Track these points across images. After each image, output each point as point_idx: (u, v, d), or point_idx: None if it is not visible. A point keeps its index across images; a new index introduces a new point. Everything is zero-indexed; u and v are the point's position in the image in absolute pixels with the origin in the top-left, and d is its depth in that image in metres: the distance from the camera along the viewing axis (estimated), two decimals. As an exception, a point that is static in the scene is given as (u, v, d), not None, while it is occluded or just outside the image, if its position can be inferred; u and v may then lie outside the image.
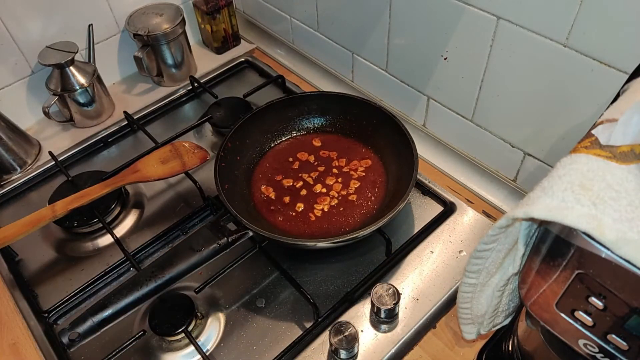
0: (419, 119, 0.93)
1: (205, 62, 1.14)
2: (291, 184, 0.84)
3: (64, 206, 0.77)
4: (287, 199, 0.82)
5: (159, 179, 0.83)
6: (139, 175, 0.83)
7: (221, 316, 0.73)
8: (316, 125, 0.93)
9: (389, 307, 0.66)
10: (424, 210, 0.83)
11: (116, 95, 1.07)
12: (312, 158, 0.88)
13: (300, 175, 0.86)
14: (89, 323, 0.62)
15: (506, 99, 0.74)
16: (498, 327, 0.58)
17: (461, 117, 0.83)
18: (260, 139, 0.90)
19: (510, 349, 0.62)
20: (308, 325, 0.70)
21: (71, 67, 0.94)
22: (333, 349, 0.64)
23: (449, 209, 0.82)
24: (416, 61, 0.84)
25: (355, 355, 0.66)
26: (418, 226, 0.80)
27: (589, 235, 0.34)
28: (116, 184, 0.81)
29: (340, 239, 0.71)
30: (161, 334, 0.67)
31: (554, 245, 0.39)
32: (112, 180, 0.82)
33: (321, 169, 0.86)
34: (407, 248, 0.77)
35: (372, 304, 0.67)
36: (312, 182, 0.84)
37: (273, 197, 0.83)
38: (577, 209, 0.35)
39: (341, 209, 0.80)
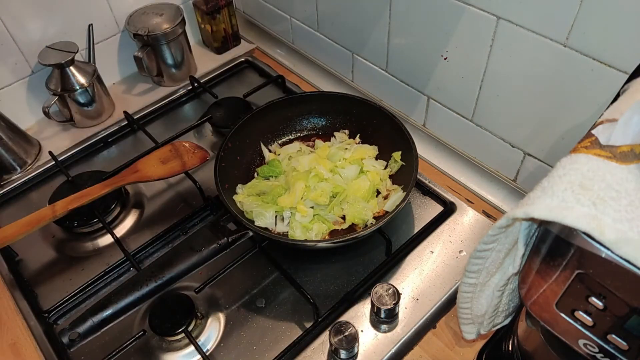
0: (419, 119, 0.93)
1: (205, 62, 1.14)
2: (291, 184, 0.85)
3: (64, 206, 0.77)
4: (287, 199, 0.82)
5: (159, 179, 0.83)
6: (139, 175, 0.83)
7: (221, 316, 0.73)
8: (316, 125, 0.93)
9: (389, 307, 0.66)
10: (424, 210, 0.83)
11: (116, 95, 1.07)
12: (312, 158, 0.89)
13: (300, 175, 0.86)
14: (89, 323, 0.62)
15: (506, 99, 0.74)
16: (498, 327, 0.58)
17: (461, 117, 0.83)
18: (260, 139, 0.90)
19: (510, 349, 0.62)
20: (308, 325, 0.70)
21: (71, 67, 0.94)
22: (333, 349, 0.64)
23: (449, 209, 0.82)
24: (416, 61, 0.84)
25: (355, 355, 0.66)
26: (418, 226, 0.80)
27: (589, 235, 0.34)
28: (116, 184, 0.81)
29: (340, 239, 0.71)
30: (161, 334, 0.67)
31: (554, 245, 0.39)
32: (112, 180, 0.82)
33: (321, 169, 0.87)
34: (407, 248, 0.77)
35: (372, 304, 0.67)
36: (312, 182, 0.84)
37: (273, 197, 0.83)
38: (577, 209, 0.35)
39: (341, 209, 0.81)
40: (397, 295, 0.67)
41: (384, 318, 0.69)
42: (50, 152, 0.94)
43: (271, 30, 1.16)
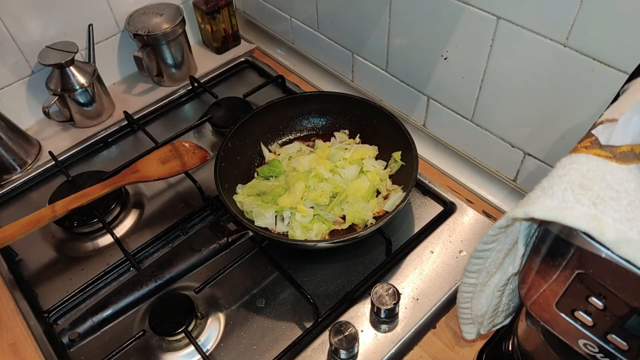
0: (419, 119, 0.93)
1: (205, 62, 1.14)
2: (291, 184, 0.85)
3: (64, 206, 0.77)
4: (287, 199, 0.82)
5: (159, 179, 0.83)
6: (139, 175, 0.83)
7: (221, 316, 0.73)
8: (316, 125, 0.93)
9: (389, 307, 0.66)
10: (424, 210, 0.83)
11: (116, 95, 1.07)
12: (312, 158, 0.89)
13: (300, 175, 0.86)
14: (89, 323, 0.62)
15: (506, 99, 0.74)
16: (498, 327, 0.58)
17: (461, 117, 0.83)
18: (260, 139, 0.90)
19: (510, 349, 0.62)
20: (308, 325, 0.70)
21: (71, 67, 0.94)
22: (333, 349, 0.64)
23: (449, 209, 0.82)
24: (416, 61, 0.84)
25: (355, 355, 0.66)
26: (418, 226, 0.80)
27: (589, 235, 0.34)
28: (116, 184, 0.81)
29: (340, 239, 0.71)
30: (161, 334, 0.67)
31: (554, 245, 0.39)
32: (112, 180, 0.82)
33: (321, 169, 0.87)
34: (407, 248, 0.77)
35: (372, 304, 0.67)
36: (312, 182, 0.84)
37: (273, 197, 0.83)
38: (577, 209, 0.35)
39: (341, 209, 0.80)
40: (397, 295, 0.67)
41: (384, 318, 0.69)
42: (50, 152, 0.94)
43: (271, 30, 1.16)
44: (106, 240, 0.84)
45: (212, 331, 0.71)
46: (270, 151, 0.90)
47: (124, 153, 0.98)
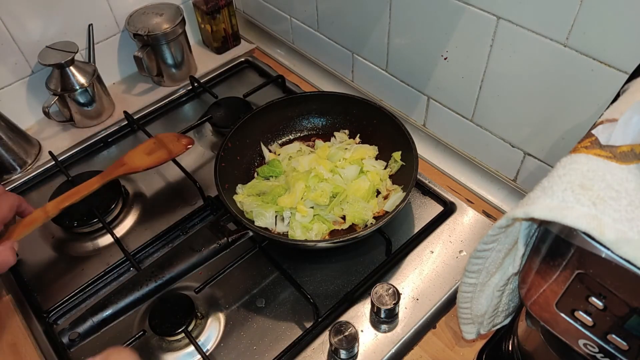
0: (419, 119, 0.93)
1: (205, 62, 1.14)
2: (291, 184, 0.85)
3: (55, 205, 0.76)
4: (287, 199, 0.82)
5: (147, 169, 0.82)
6: (127, 168, 0.82)
7: (221, 316, 0.73)
8: (316, 125, 0.93)
9: (389, 307, 0.66)
10: (424, 210, 0.83)
11: (116, 95, 1.07)
12: (312, 158, 0.89)
13: (300, 175, 0.86)
14: (89, 323, 0.62)
15: (506, 99, 0.74)
16: (498, 327, 0.58)
17: (461, 117, 0.83)
18: (260, 139, 0.90)
19: (510, 349, 0.62)
20: (308, 325, 0.70)
21: (71, 67, 0.94)
22: (333, 349, 0.64)
23: (449, 209, 0.82)
24: (416, 61, 0.84)
25: (355, 355, 0.66)
26: (418, 226, 0.80)
27: (589, 235, 0.34)
28: (104, 178, 0.80)
29: (340, 239, 0.71)
30: (161, 334, 0.67)
31: (554, 245, 0.39)
32: (101, 175, 0.81)
33: (321, 169, 0.86)
34: (407, 248, 0.77)
35: (372, 304, 0.67)
36: (312, 182, 0.84)
37: (273, 197, 0.83)
38: (577, 208, 0.35)
39: (341, 209, 0.80)
40: (397, 295, 0.67)
41: (384, 318, 0.69)
42: (50, 152, 0.94)
43: (271, 30, 1.16)
44: (106, 240, 0.84)
45: (212, 331, 0.71)
46: (270, 151, 0.90)
47: (124, 153, 0.97)
